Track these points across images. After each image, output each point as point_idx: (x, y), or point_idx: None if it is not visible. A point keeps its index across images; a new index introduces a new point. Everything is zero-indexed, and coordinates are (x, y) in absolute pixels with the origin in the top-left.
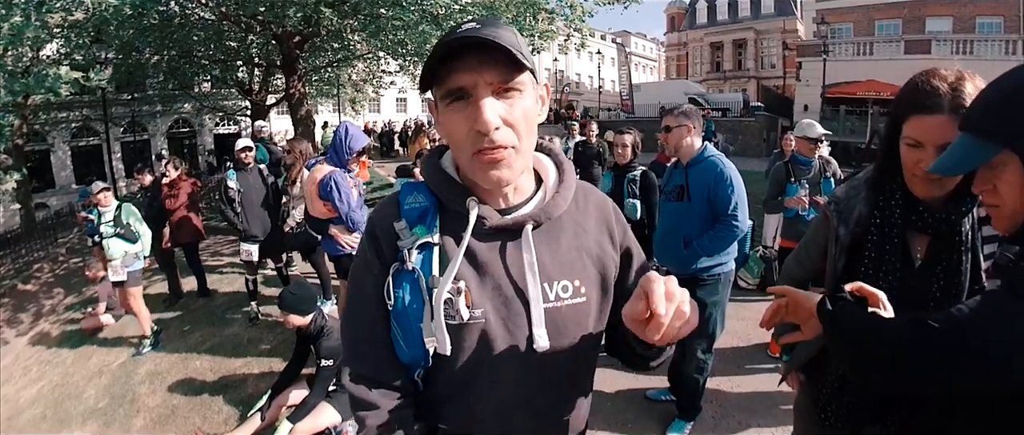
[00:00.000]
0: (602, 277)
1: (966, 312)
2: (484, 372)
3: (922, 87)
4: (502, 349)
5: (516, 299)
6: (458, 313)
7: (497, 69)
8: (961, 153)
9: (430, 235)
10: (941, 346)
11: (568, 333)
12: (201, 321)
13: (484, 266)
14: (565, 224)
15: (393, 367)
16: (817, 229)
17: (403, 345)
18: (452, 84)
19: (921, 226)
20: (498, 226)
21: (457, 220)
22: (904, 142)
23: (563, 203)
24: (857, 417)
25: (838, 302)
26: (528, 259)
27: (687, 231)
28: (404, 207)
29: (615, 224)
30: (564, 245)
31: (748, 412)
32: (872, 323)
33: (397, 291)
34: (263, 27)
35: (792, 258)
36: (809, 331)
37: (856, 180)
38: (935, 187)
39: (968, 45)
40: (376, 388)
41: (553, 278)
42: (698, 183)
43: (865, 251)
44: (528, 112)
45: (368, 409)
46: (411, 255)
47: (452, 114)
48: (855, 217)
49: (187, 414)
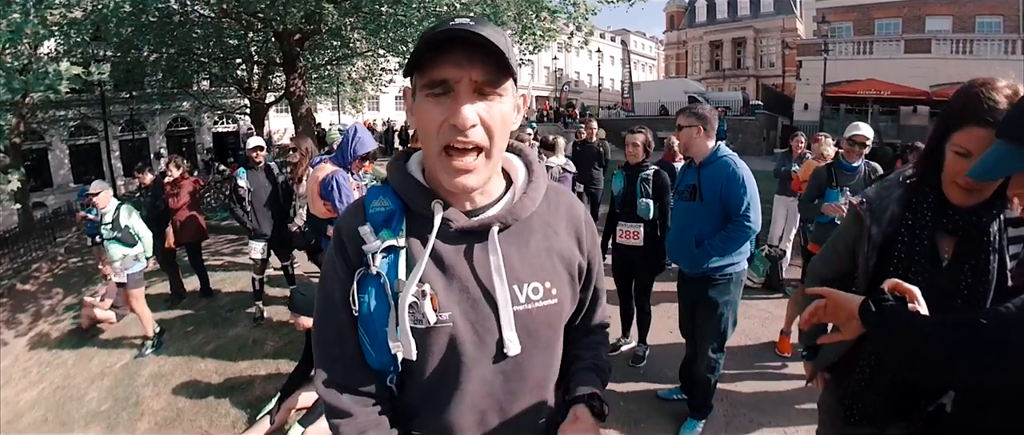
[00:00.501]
0: (572, 278)
1: (1013, 311)
2: (454, 377)
3: (982, 99)
4: (471, 353)
5: (484, 302)
6: (424, 317)
7: (484, 68)
8: (998, 159)
9: (396, 238)
10: (989, 344)
11: (540, 336)
12: (205, 322)
13: (451, 269)
14: (535, 225)
15: (364, 374)
16: (847, 228)
17: (371, 351)
18: (436, 75)
19: (951, 228)
20: (464, 228)
21: (423, 223)
22: (952, 149)
23: (532, 204)
24: (883, 415)
25: (881, 303)
26: (494, 261)
27: (699, 230)
28: (369, 211)
29: (584, 229)
30: (533, 246)
31: (759, 411)
32: (922, 323)
33: (362, 296)
34: (263, 24)
35: (819, 258)
36: (850, 332)
37: (887, 180)
38: (973, 196)
39: (968, 44)
40: (348, 395)
41: (523, 280)
42: (710, 183)
43: (895, 250)
44: (505, 116)
45: (341, 417)
46: (376, 259)
47: (430, 105)
48: (888, 217)
49: (193, 417)
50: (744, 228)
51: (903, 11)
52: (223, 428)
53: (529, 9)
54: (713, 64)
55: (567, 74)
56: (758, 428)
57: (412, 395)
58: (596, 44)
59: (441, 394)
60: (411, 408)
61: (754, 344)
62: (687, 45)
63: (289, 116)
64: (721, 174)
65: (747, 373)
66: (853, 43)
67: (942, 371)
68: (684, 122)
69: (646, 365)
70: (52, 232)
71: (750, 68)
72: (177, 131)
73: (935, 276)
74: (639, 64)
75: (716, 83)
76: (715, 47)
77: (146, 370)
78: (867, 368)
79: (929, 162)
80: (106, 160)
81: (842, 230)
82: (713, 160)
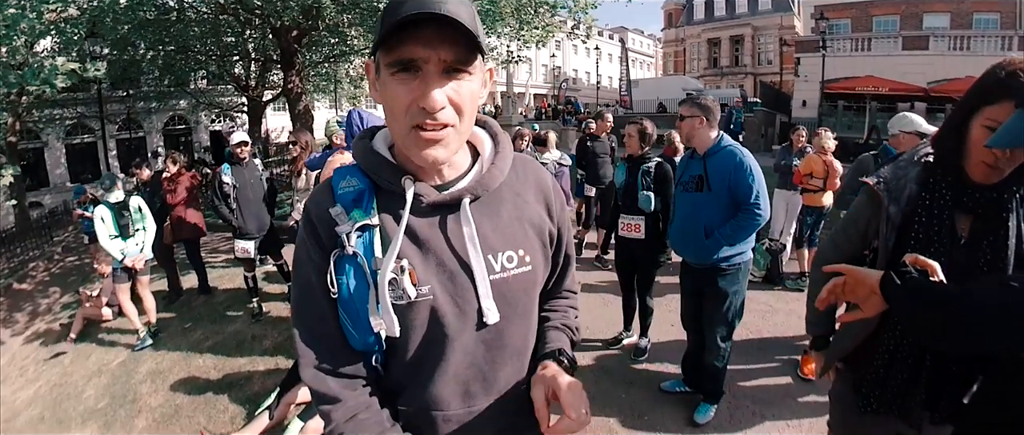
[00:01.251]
0: (544, 245)
1: None
2: (438, 350)
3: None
4: (453, 325)
5: (461, 273)
6: (404, 292)
7: (454, 48)
8: (1019, 128)
9: (368, 217)
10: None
11: (518, 303)
12: (202, 319)
13: (426, 243)
14: (504, 195)
15: (348, 356)
16: (861, 210)
17: (353, 332)
18: (404, 54)
19: (970, 206)
20: (436, 202)
21: (394, 200)
22: (983, 123)
23: (500, 175)
24: (902, 401)
25: (903, 276)
26: (468, 232)
27: (707, 221)
28: (338, 192)
29: (553, 198)
30: (505, 216)
31: (762, 403)
32: (944, 292)
33: (340, 277)
34: (261, 21)
35: (829, 242)
36: (871, 309)
37: (903, 160)
38: (996, 173)
39: (965, 41)
40: (334, 379)
41: (496, 249)
42: (717, 172)
43: (912, 230)
44: (474, 93)
45: (331, 402)
46: (351, 239)
47: (396, 84)
48: (906, 196)
49: (191, 413)
50: (755, 216)
51: (900, 8)
52: (221, 424)
53: (528, 4)
54: (711, 61)
55: (565, 72)
56: (761, 421)
57: (396, 372)
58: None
59: (425, 368)
60: (396, 385)
61: (755, 337)
62: (685, 42)
63: (287, 114)
64: (728, 163)
65: (749, 366)
66: (851, 40)
67: (975, 338)
68: (686, 112)
69: (648, 358)
70: (49, 231)
71: (748, 65)
72: (174, 129)
73: (954, 253)
74: (637, 62)
75: (714, 81)
76: (713, 45)
77: (144, 367)
78: (886, 355)
79: (951, 140)
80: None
81: (856, 212)
82: (718, 150)
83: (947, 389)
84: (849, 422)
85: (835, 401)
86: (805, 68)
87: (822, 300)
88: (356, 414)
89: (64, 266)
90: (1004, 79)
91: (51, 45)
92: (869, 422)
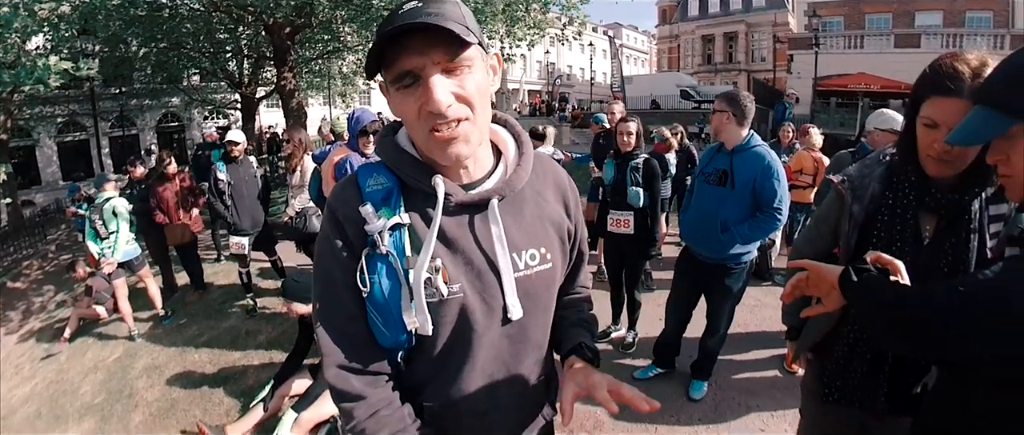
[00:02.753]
0: (562, 242)
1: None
2: (464, 346)
3: (945, 69)
4: (481, 321)
5: (488, 271)
6: (438, 291)
7: (444, 48)
8: (976, 124)
9: (398, 216)
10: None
11: (539, 300)
12: (198, 314)
13: (454, 242)
14: (527, 195)
15: (375, 354)
16: (829, 207)
17: (384, 330)
18: (400, 68)
19: (933, 206)
20: (464, 202)
21: (421, 198)
22: (921, 121)
23: (525, 175)
24: (861, 394)
25: (862, 273)
26: (496, 232)
27: (726, 216)
28: (366, 190)
29: (570, 196)
30: (528, 215)
31: (748, 394)
32: (901, 292)
33: (372, 276)
34: (254, 17)
35: (802, 238)
36: (831, 303)
37: (869, 159)
38: (947, 167)
39: (957, 39)
40: (358, 377)
41: (521, 248)
42: (744, 171)
43: (875, 229)
44: (480, 85)
45: (354, 401)
46: (384, 238)
47: (403, 97)
48: (869, 195)
49: (187, 407)
50: (775, 219)
51: (893, 6)
52: (217, 417)
53: (520, 2)
54: (705, 58)
55: (559, 68)
56: (747, 411)
57: (421, 368)
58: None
59: (451, 363)
60: (420, 381)
61: (743, 331)
62: (679, 39)
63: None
64: (756, 164)
65: (736, 358)
66: (844, 37)
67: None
68: (718, 107)
69: (635, 352)
70: (42, 230)
71: (741, 62)
72: (167, 127)
73: (916, 254)
74: (631, 58)
75: (708, 77)
76: (707, 41)
77: (140, 363)
78: (846, 347)
79: (906, 140)
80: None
81: (824, 210)
82: (746, 148)
83: (907, 381)
84: (815, 411)
85: (804, 391)
86: (798, 65)
87: (786, 294)
88: (378, 410)
89: (58, 264)
90: (931, 75)
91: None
92: (832, 411)
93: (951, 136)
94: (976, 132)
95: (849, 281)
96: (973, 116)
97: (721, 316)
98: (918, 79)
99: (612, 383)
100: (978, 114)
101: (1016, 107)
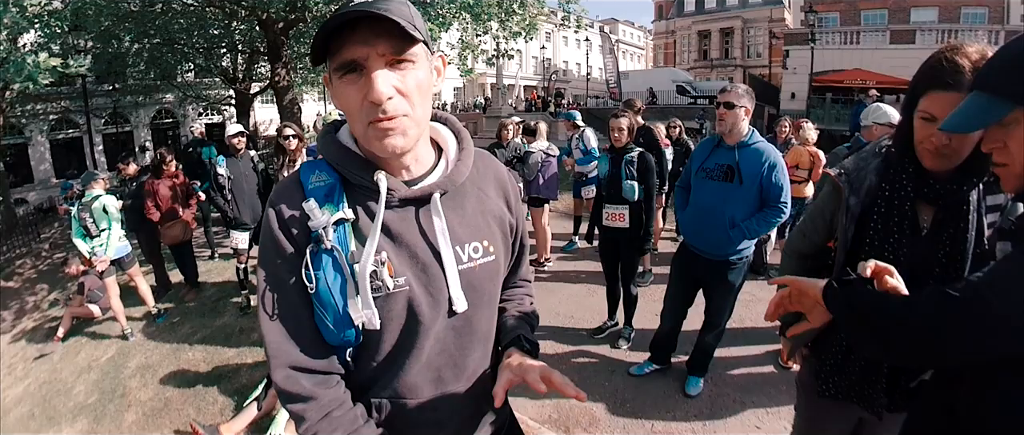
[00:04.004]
0: (504, 235)
1: (986, 279)
2: (411, 340)
3: (945, 63)
4: (427, 314)
5: (433, 263)
6: (384, 284)
7: (389, 41)
8: (973, 111)
9: (341, 211)
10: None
11: (483, 292)
12: (191, 312)
13: (399, 235)
14: (468, 190)
15: (323, 353)
16: (826, 200)
17: (330, 327)
18: (345, 57)
19: (930, 197)
20: (407, 197)
21: (364, 194)
22: (919, 115)
23: (465, 170)
24: (861, 388)
25: (845, 285)
26: (439, 225)
27: (733, 213)
28: (309, 187)
29: (511, 191)
30: (469, 209)
31: (743, 390)
32: (884, 301)
33: (317, 272)
34: (247, 12)
35: (796, 233)
36: (816, 319)
37: (865, 151)
38: (944, 160)
39: (953, 35)
40: (308, 376)
41: (463, 241)
42: (750, 166)
43: (871, 221)
44: (421, 82)
45: (305, 401)
46: (328, 232)
47: (346, 86)
48: (866, 187)
49: (181, 406)
50: (781, 213)
51: (889, 2)
52: (211, 416)
53: None
54: (701, 53)
55: (555, 63)
56: (743, 408)
57: (369, 364)
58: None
59: (399, 358)
60: (369, 377)
61: (738, 326)
62: (675, 34)
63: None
64: (762, 160)
65: (731, 355)
66: (840, 33)
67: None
68: (739, 102)
69: (632, 346)
70: (36, 228)
71: (737, 58)
72: (162, 123)
73: (914, 245)
74: (627, 53)
75: (704, 73)
76: (703, 37)
77: (133, 362)
78: (842, 343)
79: (903, 132)
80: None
81: (820, 202)
82: (750, 144)
83: (906, 377)
84: (810, 407)
85: (800, 386)
86: (794, 61)
87: (770, 314)
88: (330, 412)
89: (52, 263)
90: (931, 68)
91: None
92: (828, 407)
93: (947, 122)
94: (974, 118)
95: (832, 294)
96: (970, 102)
97: (722, 311)
98: (917, 73)
99: (545, 369)
100: (975, 100)
101: (1013, 91)
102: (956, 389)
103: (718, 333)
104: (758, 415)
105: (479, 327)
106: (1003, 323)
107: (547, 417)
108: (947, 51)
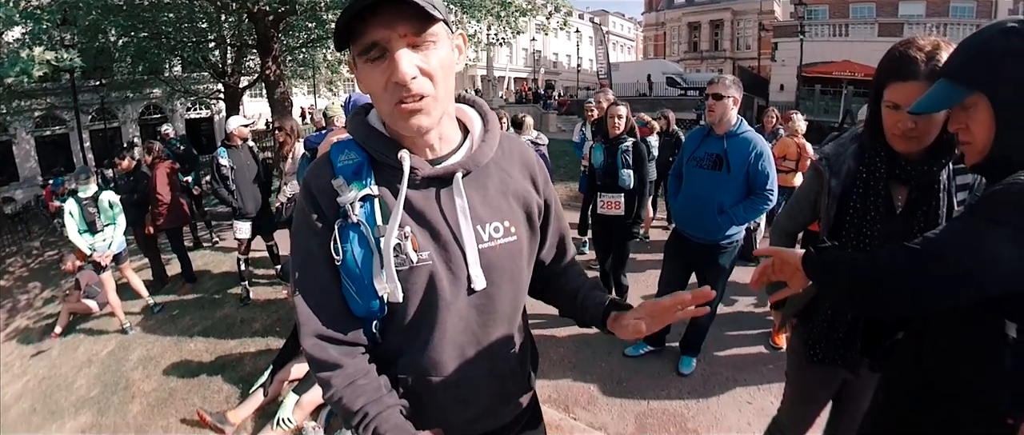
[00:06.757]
0: (528, 216)
1: (934, 237)
2: (434, 314)
3: (900, 57)
4: (448, 289)
5: (453, 242)
6: (407, 257)
7: (410, 22)
8: (939, 95)
9: (368, 188)
10: (917, 266)
11: (504, 271)
12: (190, 305)
13: (421, 213)
14: (491, 171)
15: (351, 323)
16: (809, 183)
17: (357, 298)
18: (367, 40)
19: (903, 178)
20: (430, 175)
21: (390, 172)
22: (884, 105)
23: (490, 151)
24: (844, 354)
25: (821, 251)
26: (461, 205)
27: (722, 200)
28: (338, 164)
29: (538, 172)
30: (492, 190)
31: (735, 369)
32: (852, 258)
33: (345, 245)
34: (237, 5)
35: (783, 213)
36: (796, 284)
37: (843, 138)
38: (913, 143)
39: (941, 29)
40: (335, 346)
41: (484, 221)
42: (738, 155)
43: (850, 201)
44: (444, 62)
45: (331, 369)
46: (355, 208)
47: (370, 69)
48: (845, 171)
49: (186, 395)
50: (768, 201)
51: None
52: (217, 404)
53: None
54: (691, 45)
55: (545, 56)
56: (734, 386)
57: (395, 338)
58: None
59: (422, 332)
60: (394, 351)
61: (730, 310)
62: (665, 26)
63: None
64: (749, 148)
65: (723, 335)
66: (829, 25)
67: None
68: (729, 92)
69: None
70: (26, 226)
71: (727, 50)
72: (150, 119)
73: (890, 223)
74: (618, 45)
75: (694, 64)
76: (693, 29)
77: (134, 354)
78: (828, 310)
79: (872, 121)
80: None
81: (805, 186)
82: (738, 133)
83: (880, 339)
84: (802, 371)
85: (791, 354)
86: (783, 53)
87: (755, 281)
88: (355, 380)
89: (43, 261)
90: (890, 62)
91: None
92: (817, 371)
93: (916, 105)
94: (940, 100)
95: (810, 260)
96: (936, 87)
97: (716, 292)
98: (878, 67)
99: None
100: (940, 85)
101: (970, 78)
102: (920, 339)
103: (711, 314)
104: (749, 392)
105: (501, 307)
106: (954, 272)
107: (546, 397)
108: (902, 46)
